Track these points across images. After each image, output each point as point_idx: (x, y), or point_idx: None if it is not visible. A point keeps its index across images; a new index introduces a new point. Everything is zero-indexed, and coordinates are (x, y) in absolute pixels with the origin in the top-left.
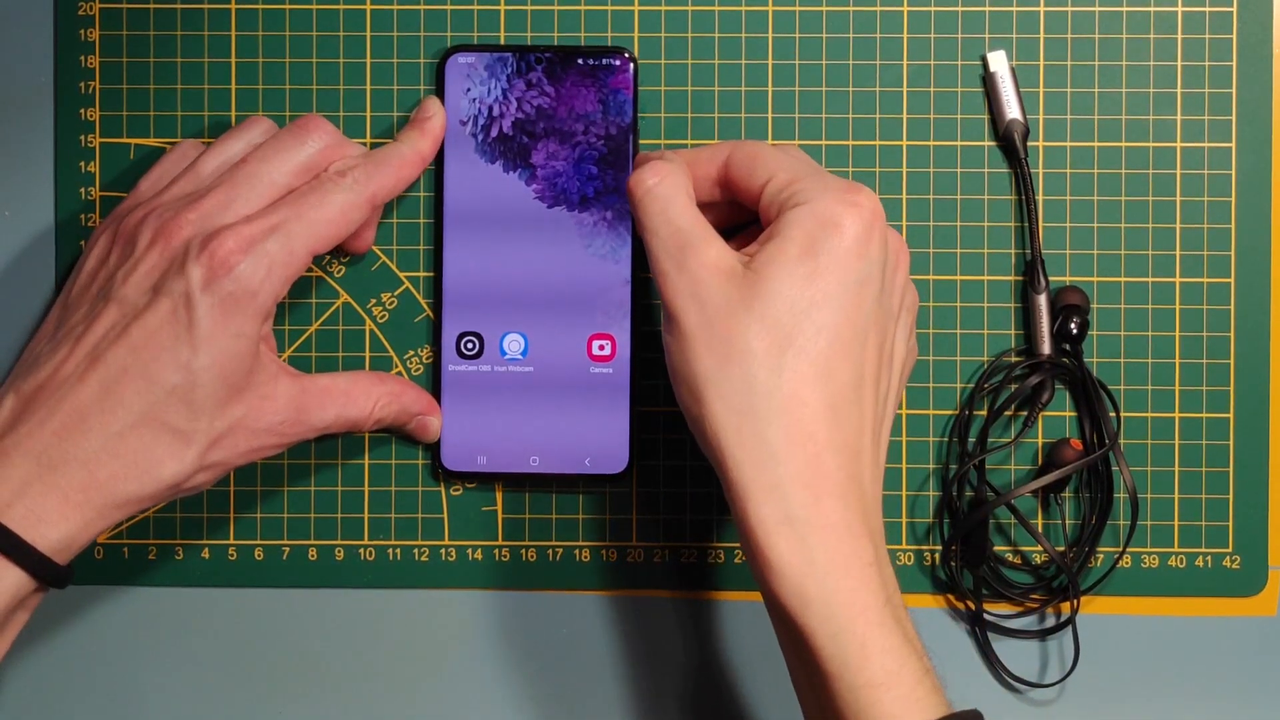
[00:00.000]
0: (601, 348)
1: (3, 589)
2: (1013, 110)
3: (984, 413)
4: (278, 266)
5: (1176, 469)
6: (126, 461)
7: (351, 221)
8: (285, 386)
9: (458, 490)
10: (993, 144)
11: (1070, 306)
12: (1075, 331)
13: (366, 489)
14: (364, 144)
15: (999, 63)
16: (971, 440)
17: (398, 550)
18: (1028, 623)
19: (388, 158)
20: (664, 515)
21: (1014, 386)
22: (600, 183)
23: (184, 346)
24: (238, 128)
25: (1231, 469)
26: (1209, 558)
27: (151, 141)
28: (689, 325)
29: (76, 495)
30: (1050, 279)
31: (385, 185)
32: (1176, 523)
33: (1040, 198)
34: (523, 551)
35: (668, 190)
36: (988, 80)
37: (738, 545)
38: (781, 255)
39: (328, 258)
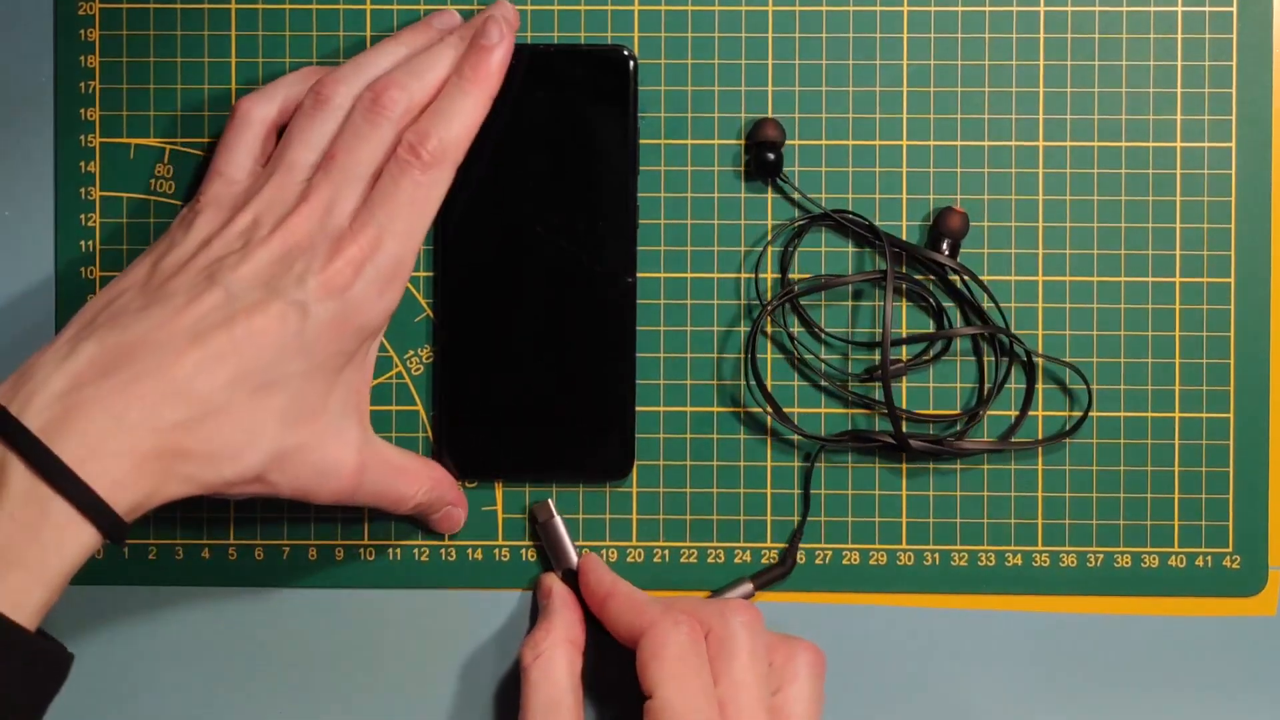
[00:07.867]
0: None
1: (79, 547)
2: None
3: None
4: (394, 281)
5: (1176, 469)
6: (200, 444)
7: (439, 200)
8: (354, 431)
9: None
10: (992, 144)
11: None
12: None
13: None
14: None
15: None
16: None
17: (398, 550)
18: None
19: (455, 115)
20: (664, 515)
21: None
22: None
23: (288, 352)
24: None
25: (1231, 469)
26: (1209, 558)
27: (151, 141)
28: None
29: (149, 464)
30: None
31: (461, 148)
32: (1176, 523)
33: (1040, 198)
34: (523, 551)
35: (550, 659)
36: None
37: (737, 545)
38: None
39: None
